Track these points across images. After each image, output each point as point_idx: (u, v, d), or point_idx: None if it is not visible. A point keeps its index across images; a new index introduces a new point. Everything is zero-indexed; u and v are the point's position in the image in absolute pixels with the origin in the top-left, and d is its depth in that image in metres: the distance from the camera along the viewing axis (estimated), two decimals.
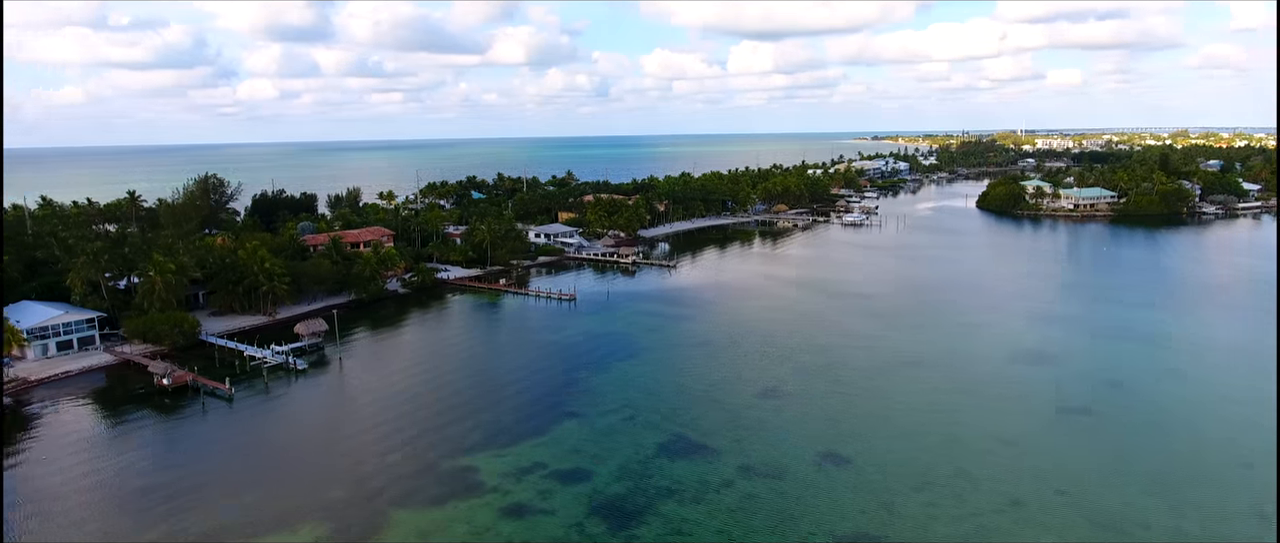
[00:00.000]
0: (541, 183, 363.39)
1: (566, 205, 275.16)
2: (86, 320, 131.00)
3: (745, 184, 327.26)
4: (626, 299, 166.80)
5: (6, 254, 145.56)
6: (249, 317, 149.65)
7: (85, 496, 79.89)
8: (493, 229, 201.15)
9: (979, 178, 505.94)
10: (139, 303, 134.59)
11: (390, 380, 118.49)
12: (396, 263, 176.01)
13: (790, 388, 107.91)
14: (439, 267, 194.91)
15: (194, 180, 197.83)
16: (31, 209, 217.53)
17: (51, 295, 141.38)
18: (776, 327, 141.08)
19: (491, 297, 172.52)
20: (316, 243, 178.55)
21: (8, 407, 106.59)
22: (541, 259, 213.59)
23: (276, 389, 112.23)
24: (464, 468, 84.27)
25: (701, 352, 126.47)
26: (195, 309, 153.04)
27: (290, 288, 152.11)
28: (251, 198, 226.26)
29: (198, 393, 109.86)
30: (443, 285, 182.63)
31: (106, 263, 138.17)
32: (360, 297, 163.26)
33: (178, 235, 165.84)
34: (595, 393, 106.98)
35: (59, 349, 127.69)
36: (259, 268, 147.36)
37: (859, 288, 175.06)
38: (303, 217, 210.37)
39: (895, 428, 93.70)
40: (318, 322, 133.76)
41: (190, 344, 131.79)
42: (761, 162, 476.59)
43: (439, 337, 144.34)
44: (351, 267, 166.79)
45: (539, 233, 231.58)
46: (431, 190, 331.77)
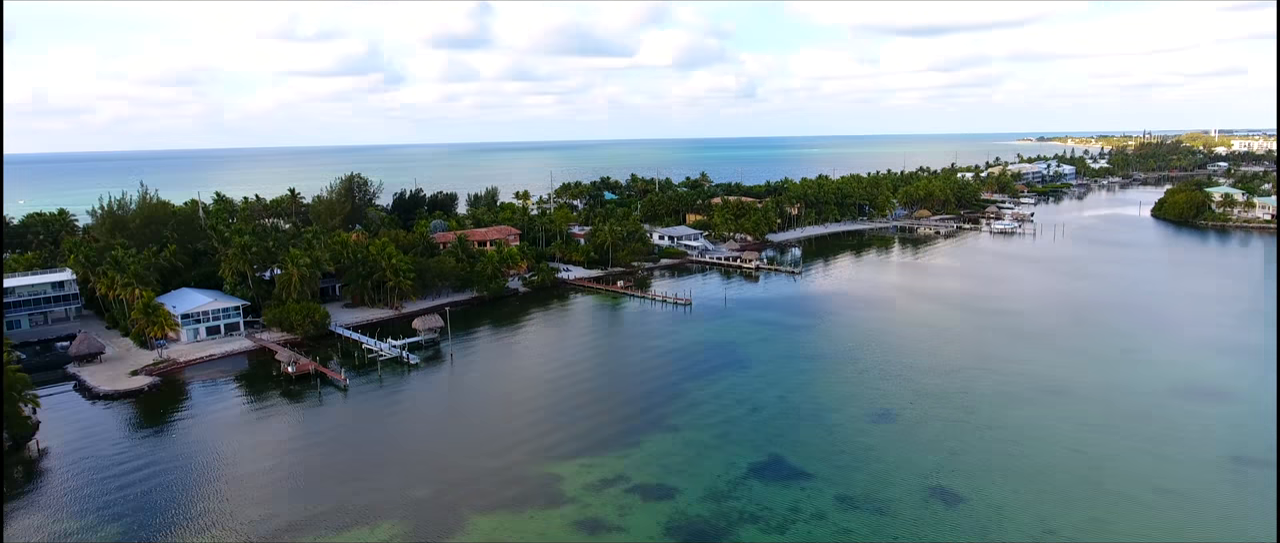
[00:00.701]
0: (674, 184, 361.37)
1: (695, 208, 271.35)
2: (233, 308, 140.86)
3: (885, 188, 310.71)
4: (745, 306, 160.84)
5: (172, 245, 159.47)
6: (377, 310, 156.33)
7: (197, 474, 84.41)
8: (614, 231, 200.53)
9: (1157, 183, 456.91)
10: (278, 293, 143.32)
11: (495, 380, 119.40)
12: (518, 262, 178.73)
13: (907, 412, 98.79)
14: (561, 266, 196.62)
15: (340, 180, 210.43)
16: (206, 204, 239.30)
17: (208, 284, 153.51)
18: (902, 343, 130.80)
19: (609, 298, 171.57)
20: (445, 240, 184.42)
21: (161, 384, 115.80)
22: (664, 261, 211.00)
23: (388, 382, 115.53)
24: (549, 475, 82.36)
25: (815, 366, 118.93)
26: (330, 301, 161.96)
27: (415, 283, 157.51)
28: (392, 197, 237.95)
29: (318, 381, 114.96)
30: (563, 285, 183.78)
31: (252, 256, 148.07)
32: (482, 294, 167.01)
33: (322, 231, 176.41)
34: (695, 405, 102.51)
35: (208, 333, 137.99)
36: (387, 264, 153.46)
37: (1002, 303, 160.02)
38: (437, 215, 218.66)
39: (1024, 466, 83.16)
40: (434, 318, 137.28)
41: (321, 334, 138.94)
42: (909, 164, 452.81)
43: (550, 337, 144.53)
44: (475, 264, 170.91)
45: (663, 235, 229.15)
46: (565, 191, 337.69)
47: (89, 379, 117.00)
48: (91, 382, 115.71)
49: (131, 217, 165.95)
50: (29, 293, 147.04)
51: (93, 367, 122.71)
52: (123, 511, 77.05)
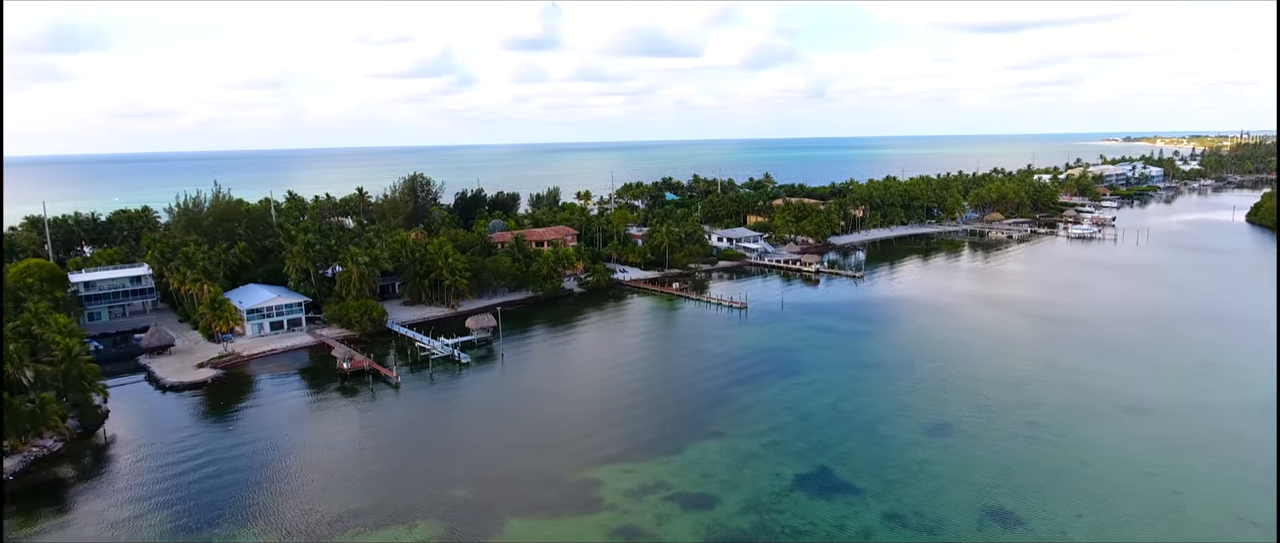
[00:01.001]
0: (737, 185, 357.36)
1: (756, 209, 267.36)
2: (296, 304, 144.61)
3: (955, 190, 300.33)
4: (802, 311, 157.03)
5: (242, 242, 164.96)
6: (435, 308, 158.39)
7: (247, 467, 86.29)
8: (671, 232, 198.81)
9: (1254, 187, 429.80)
10: (338, 291, 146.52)
11: (544, 380, 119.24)
12: (573, 262, 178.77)
13: (967, 426, 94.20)
14: (617, 267, 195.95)
15: (404, 180, 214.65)
16: (279, 203, 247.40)
17: (274, 280, 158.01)
18: (965, 352, 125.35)
19: (663, 300, 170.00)
20: (503, 240, 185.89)
21: (224, 377, 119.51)
22: (722, 264, 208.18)
23: (439, 381, 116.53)
24: (589, 480, 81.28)
25: (871, 375, 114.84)
26: (389, 299, 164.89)
27: (471, 282, 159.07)
28: (454, 196, 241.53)
29: (371, 378, 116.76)
30: (618, 286, 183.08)
31: (315, 253, 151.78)
32: (537, 294, 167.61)
33: (383, 229, 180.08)
34: (743, 412, 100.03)
35: (272, 328, 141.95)
36: (443, 263, 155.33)
37: (1075, 312, 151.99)
38: (496, 214, 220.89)
39: (1092, 488, 78.05)
40: (487, 317, 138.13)
41: (377, 331, 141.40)
42: (982, 166, 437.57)
43: (601, 338, 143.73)
44: (531, 264, 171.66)
45: (721, 237, 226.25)
46: (626, 191, 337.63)
47: (158, 370, 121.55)
48: (160, 373, 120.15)
49: (205, 214, 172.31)
50: (108, 286, 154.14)
51: (163, 358, 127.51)
52: (174, 499, 79.28)
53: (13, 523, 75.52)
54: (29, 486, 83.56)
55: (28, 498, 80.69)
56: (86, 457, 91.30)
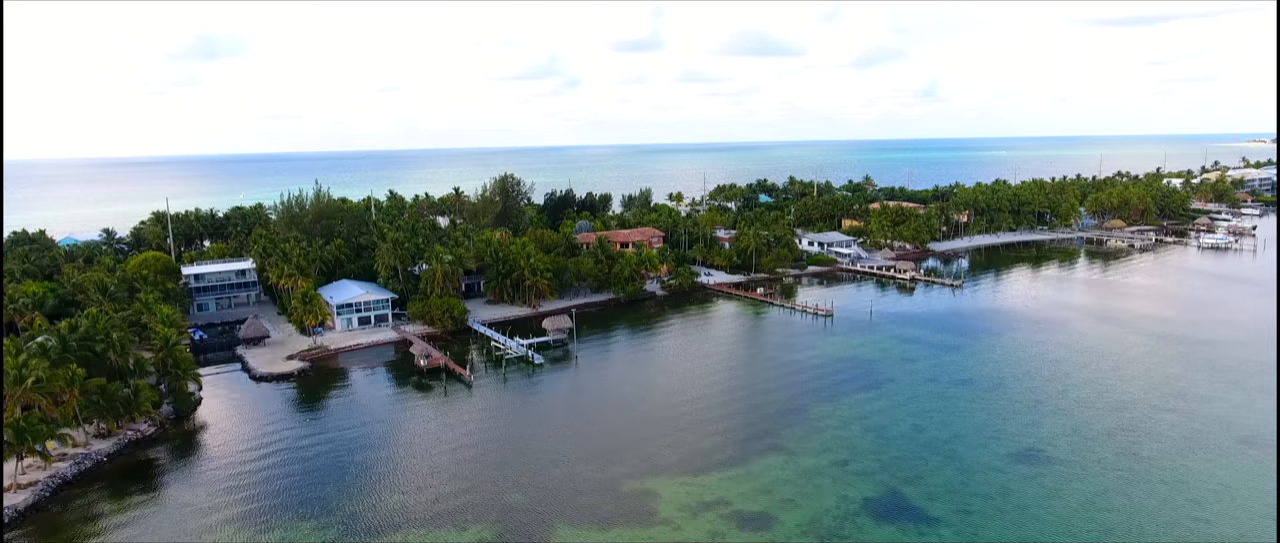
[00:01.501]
0: (834, 188, 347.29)
1: (852, 213, 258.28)
2: (383, 300, 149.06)
3: (1071, 194, 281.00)
4: (891, 320, 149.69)
5: (338, 239, 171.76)
6: (516, 308, 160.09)
7: (314, 459, 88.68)
8: (758, 235, 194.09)
9: None
10: (423, 288, 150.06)
11: (614, 385, 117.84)
12: (657, 264, 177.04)
13: (1058, 452, 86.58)
14: (702, 270, 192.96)
15: (495, 180, 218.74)
16: (380, 201, 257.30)
17: (366, 277, 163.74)
18: (1066, 370, 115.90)
19: (747, 305, 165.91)
20: (587, 241, 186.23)
21: (311, 369, 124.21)
22: (812, 269, 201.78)
23: (512, 382, 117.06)
24: (645, 491, 79.21)
25: (957, 392, 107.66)
26: (473, 297, 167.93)
27: (553, 283, 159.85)
28: (543, 197, 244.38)
29: (445, 376, 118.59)
30: (701, 290, 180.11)
31: (403, 251, 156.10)
32: (618, 296, 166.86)
33: (471, 229, 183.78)
34: (814, 426, 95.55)
35: (360, 323, 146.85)
36: (525, 263, 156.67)
37: (1198, 331, 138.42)
38: (583, 215, 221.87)
39: (1202, 527, 69.89)
40: (564, 318, 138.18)
41: (458, 329, 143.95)
42: (1105, 168, 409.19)
43: (677, 344, 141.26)
44: (613, 266, 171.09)
45: (813, 241, 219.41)
46: (719, 193, 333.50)
47: (252, 361, 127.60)
48: (253, 363, 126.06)
49: (305, 212, 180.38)
50: (216, 279, 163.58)
51: (258, 349, 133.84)
52: (243, 485, 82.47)
53: (102, 501, 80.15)
54: (120, 466, 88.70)
55: (118, 478, 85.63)
56: (175, 441, 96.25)
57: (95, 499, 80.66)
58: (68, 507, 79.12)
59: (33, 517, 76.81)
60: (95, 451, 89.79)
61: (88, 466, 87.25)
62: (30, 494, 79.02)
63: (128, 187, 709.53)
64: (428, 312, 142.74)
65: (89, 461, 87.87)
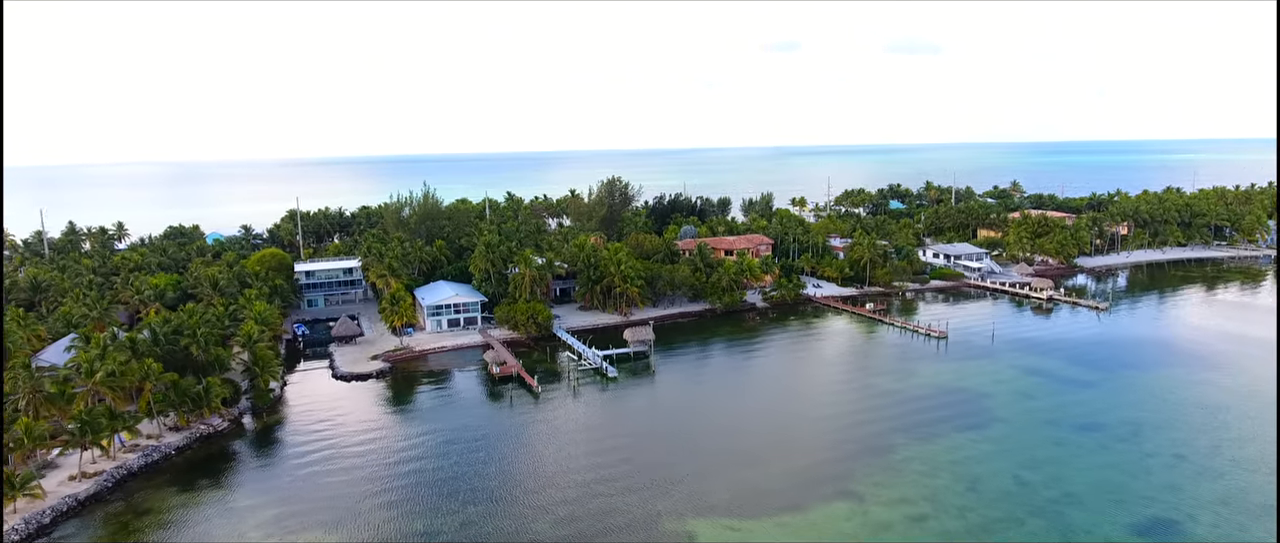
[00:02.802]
0: (976, 194, 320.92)
1: (988, 222, 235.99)
2: (474, 303, 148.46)
3: (1258, 204, 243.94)
4: (1016, 346, 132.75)
5: (440, 240, 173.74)
6: (607, 315, 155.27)
7: (363, 464, 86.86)
8: (874, 246, 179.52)
9: None
10: (511, 292, 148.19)
11: (686, 406, 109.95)
12: (759, 274, 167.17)
13: (1199, 527, 70.87)
14: (811, 282, 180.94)
15: (602, 183, 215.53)
16: (498, 203, 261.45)
17: (463, 278, 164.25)
18: (1224, 421, 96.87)
19: (854, 322, 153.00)
20: (688, 248, 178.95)
21: (391, 370, 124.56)
22: (934, 283, 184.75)
23: (582, 394, 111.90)
24: (683, 533, 71.45)
25: (1080, 440, 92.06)
26: (565, 303, 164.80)
27: (645, 291, 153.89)
28: (652, 200, 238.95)
29: (516, 385, 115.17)
30: (806, 303, 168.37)
31: (496, 254, 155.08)
32: (715, 306, 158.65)
33: (571, 232, 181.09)
34: (897, 469, 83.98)
35: (449, 325, 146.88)
36: (615, 270, 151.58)
37: None
38: (691, 220, 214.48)
39: None
40: (646, 329, 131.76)
41: (542, 335, 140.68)
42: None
43: (767, 362, 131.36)
44: (711, 275, 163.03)
45: (939, 252, 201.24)
46: (846, 198, 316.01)
47: (338, 359, 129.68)
48: (339, 362, 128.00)
49: (411, 214, 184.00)
50: (324, 277, 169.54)
51: (348, 347, 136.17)
52: (285, 483, 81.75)
53: (158, 495, 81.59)
54: (186, 460, 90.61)
55: (180, 472, 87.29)
56: (242, 438, 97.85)
57: (151, 493, 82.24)
58: (127, 499, 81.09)
59: (89, 507, 79.09)
60: (165, 443, 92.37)
61: (155, 458, 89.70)
62: (93, 484, 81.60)
63: (316, 184, 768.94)
64: (512, 316, 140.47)
65: (157, 453, 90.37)
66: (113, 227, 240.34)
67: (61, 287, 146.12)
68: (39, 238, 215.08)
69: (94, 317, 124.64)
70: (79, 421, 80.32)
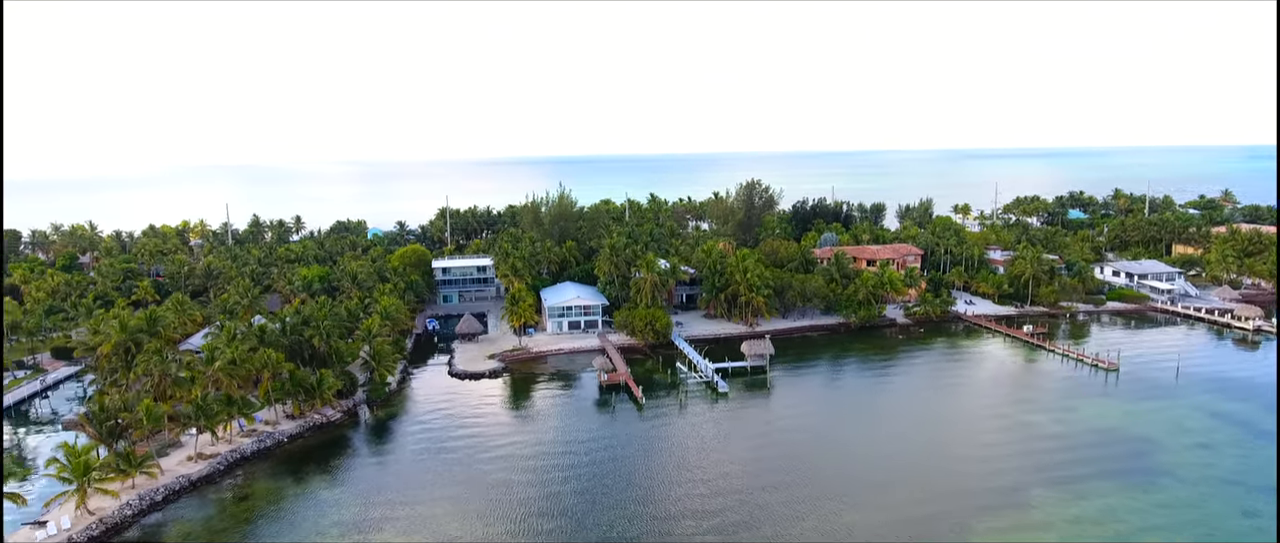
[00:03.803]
0: (1175, 204, 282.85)
1: (1186, 236, 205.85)
2: (595, 306, 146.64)
3: None
4: (1204, 386, 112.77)
5: (571, 240, 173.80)
6: (731, 324, 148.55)
7: (443, 465, 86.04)
8: (1039, 260, 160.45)
9: None
10: (633, 296, 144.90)
11: (796, 429, 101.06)
12: (900, 287, 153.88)
13: None
14: (963, 297, 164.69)
15: (740, 186, 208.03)
16: (641, 204, 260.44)
17: (590, 280, 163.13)
18: None
19: (1009, 345, 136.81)
20: (825, 257, 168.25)
21: (503, 371, 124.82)
22: (1111, 305, 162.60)
23: (688, 408, 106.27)
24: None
25: (1270, 509, 75.20)
26: (690, 310, 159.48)
27: (772, 300, 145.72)
28: (792, 204, 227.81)
29: (623, 394, 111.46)
30: (954, 321, 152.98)
31: (619, 257, 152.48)
32: (849, 320, 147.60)
33: (704, 236, 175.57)
34: (1027, 524, 72.23)
35: (570, 327, 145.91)
36: (741, 277, 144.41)
37: None
38: (833, 227, 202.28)
39: None
40: (764, 343, 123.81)
41: (660, 343, 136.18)
42: None
43: (899, 386, 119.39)
44: (847, 286, 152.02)
45: (1121, 270, 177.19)
46: (1016, 205, 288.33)
47: (458, 356, 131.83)
48: (458, 359, 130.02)
49: (545, 213, 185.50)
50: (460, 274, 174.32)
51: (469, 345, 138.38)
52: (376, 478, 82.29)
53: (260, 480, 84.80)
54: (296, 449, 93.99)
55: (286, 459, 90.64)
56: (351, 429, 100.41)
57: (255, 479, 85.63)
58: (234, 482, 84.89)
59: (200, 487, 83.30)
60: (280, 431, 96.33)
61: (268, 444, 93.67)
62: (207, 466, 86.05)
63: (485, 182, 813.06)
64: (631, 322, 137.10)
65: (270, 439, 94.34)
66: (291, 220, 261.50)
67: (228, 275, 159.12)
68: (225, 229, 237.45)
69: (244, 305, 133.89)
70: (195, 405, 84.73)
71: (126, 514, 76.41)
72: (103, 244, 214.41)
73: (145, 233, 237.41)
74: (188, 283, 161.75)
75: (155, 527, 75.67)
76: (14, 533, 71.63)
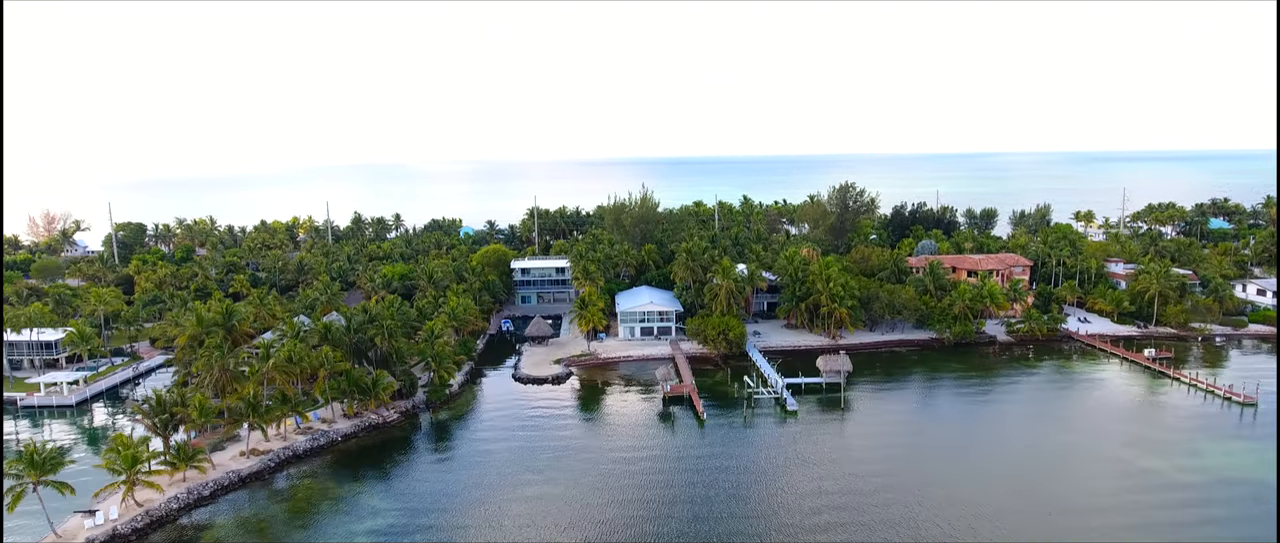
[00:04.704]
0: None
1: None
2: (668, 312, 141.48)
3: None
4: None
5: (650, 244, 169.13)
6: (812, 336, 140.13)
7: (483, 479, 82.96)
8: (1168, 275, 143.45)
9: None
10: (707, 303, 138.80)
11: (868, 457, 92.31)
12: (1001, 302, 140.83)
13: None
14: (1076, 315, 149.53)
15: (833, 189, 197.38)
16: (732, 206, 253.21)
17: (668, 285, 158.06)
18: None
19: (1128, 372, 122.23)
20: (919, 266, 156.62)
21: (567, 377, 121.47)
22: (1253, 328, 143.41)
23: (754, 427, 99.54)
24: None
25: None
26: (768, 319, 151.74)
27: (857, 312, 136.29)
28: (891, 208, 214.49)
29: (686, 407, 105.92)
30: (1064, 342, 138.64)
31: (696, 261, 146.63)
32: (943, 336, 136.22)
33: (789, 241, 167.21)
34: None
35: (642, 333, 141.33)
36: (823, 286, 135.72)
37: None
38: (933, 234, 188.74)
39: None
40: (841, 359, 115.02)
41: (734, 353, 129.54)
42: None
43: (992, 413, 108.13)
44: (941, 298, 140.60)
45: (1264, 289, 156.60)
46: (1148, 213, 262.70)
47: (525, 360, 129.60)
48: (524, 363, 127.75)
49: (625, 215, 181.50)
50: (538, 275, 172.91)
51: (537, 348, 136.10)
52: (418, 484, 79.90)
53: (311, 477, 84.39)
54: (348, 448, 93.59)
55: (338, 458, 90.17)
56: (406, 431, 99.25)
57: (301, 478, 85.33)
58: (279, 480, 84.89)
59: (248, 483, 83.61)
60: (335, 429, 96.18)
61: (321, 443, 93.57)
62: (258, 462, 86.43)
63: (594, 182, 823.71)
64: (703, 330, 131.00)
65: (324, 438, 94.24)
66: (391, 217, 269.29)
67: (316, 271, 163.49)
68: (326, 226, 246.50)
69: (322, 301, 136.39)
70: (245, 402, 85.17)
71: (172, 508, 77.20)
72: (211, 238, 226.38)
73: (257, 228, 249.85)
74: (281, 277, 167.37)
75: (197, 523, 76.03)
76: (65, 521, 73.36)
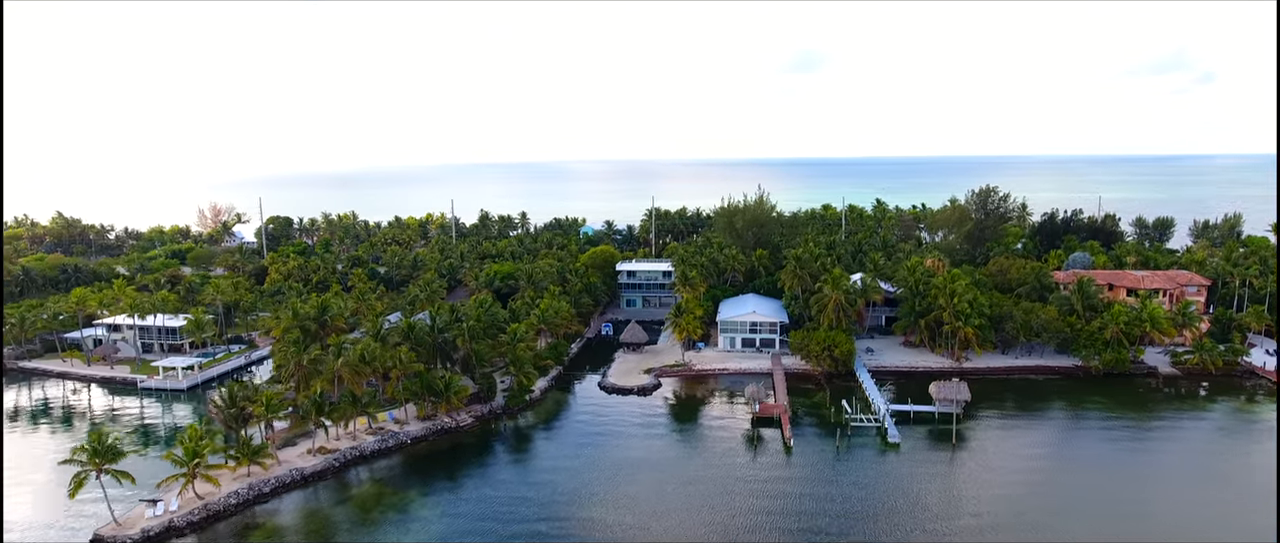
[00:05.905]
0: None
1: None
2: (771, 323, 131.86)
3: None
4: None
5: (762, 249, 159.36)
6: (933, 357, 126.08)
7: (539, 496, 77.79)
8: None
9: None
10: (815, 316, 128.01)
11: (968, 517, 79.24)
12: (1165, 327, 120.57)
13: None
14: (1265, 346, 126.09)
15: (972, 192, 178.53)
16: (862, 209, 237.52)
17: (778, 294, 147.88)
18: None
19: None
20: (1066, 282, 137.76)
21: (653, 388, 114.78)
22: None
23: (847, 459, 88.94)
24: None
25: None
26: (886, 335, 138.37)
27: (986, 331, 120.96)
28: (1041, 215, 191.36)
29: (774, 429, 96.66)
30: (1245, 377, 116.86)
31: (805, 270, 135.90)
32: (1089, 364, 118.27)
33: (926, 249, 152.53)
34: None
35: (743, 345, 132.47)
36: (948, 302, 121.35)
37: None
38: (1089, 245, 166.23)
39: None
40: (959, 386, 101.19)
41: (839, 371, 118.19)
42: None
43: (1145, 464, 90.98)
44: (1089, 320, 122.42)
45: None
46: None
47: (615, 367, 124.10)
48: (612, 371, 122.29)
49: (737, 217, 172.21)
50: (644, 277, 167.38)
51: (629, 355, 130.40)
52: (478, 497, 76.02)
53: (371, 480, 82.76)
54: (417, 451, 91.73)
55: (405, 460, 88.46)
56: (479, 437, 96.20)
57: (361, 481, 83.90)
58: (340, 482, 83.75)
59: (310, 482, 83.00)
60: (405, 431, 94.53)
61: (390, 444, 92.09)
62: (322, 461, 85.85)
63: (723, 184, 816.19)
64: (805, 345, 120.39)
65: (393, 439, 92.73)
66: (517, 215, 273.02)
67: (429, 267, 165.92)
68: (451, 222, 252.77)
69: (423, 298, 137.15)
70: (310, 400, 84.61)
71: (231, 502, 77.35)
72: (345, 233, 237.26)
73: (390, 224, 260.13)
74: (397, 273, 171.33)
75: (253, 519, 75.67)
76: (130, 509, 74.94)
